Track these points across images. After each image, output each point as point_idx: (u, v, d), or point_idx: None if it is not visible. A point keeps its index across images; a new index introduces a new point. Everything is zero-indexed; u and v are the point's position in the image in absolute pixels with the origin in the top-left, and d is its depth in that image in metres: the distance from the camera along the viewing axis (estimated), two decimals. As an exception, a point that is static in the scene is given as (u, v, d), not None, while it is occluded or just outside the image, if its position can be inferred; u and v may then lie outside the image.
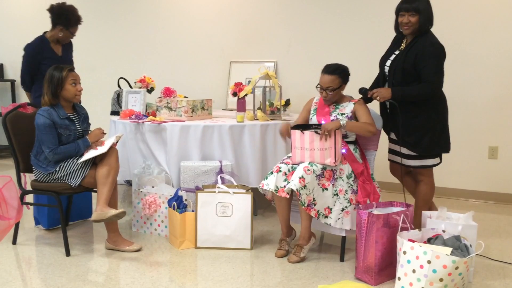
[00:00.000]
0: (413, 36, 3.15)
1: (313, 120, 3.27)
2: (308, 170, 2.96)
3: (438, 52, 3.08)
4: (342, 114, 3.19)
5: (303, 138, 3.04)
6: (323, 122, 3.15)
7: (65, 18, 3.93)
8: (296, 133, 3.08)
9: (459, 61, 4.49)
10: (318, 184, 2.98)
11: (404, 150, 3.23)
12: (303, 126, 3.15)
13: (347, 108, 3.21)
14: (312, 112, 3.32)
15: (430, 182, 3.29)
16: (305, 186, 2.92)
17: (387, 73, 3.25)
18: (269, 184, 3.05)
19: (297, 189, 2.90)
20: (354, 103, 3.22)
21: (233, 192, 3.28)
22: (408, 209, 2.85)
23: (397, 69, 3.15)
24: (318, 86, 3.20)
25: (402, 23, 3.13)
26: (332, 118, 3.18)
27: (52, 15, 3.96)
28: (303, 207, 2.94)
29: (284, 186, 3.02)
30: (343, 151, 3.10)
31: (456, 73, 4.48)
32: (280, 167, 3.09)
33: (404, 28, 3.13)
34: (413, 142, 3.18)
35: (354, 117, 3.20)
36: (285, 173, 3.06)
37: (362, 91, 3.23)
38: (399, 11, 3.14)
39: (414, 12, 3.06)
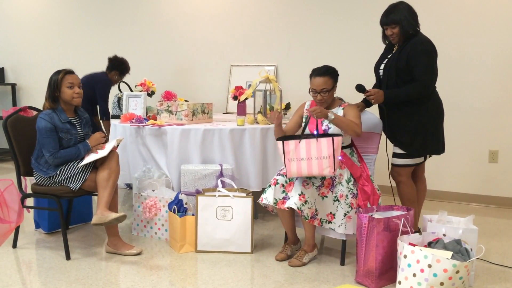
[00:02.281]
0: (404, 39, 3.23)
1: (305, 129, 3.09)
2: (307, 184, 2.92)
3: (428, 50, 3.16)
4: None
5: (299, 148, 2.90)
6: (315, 132, 2.99)
7: (126, 68, 5.07)
8: (290, 144, 2.90)
9: (460, 65, 4.50)
10: (318, 194, 2.97)
11: (396, 150, 3.30)
12: (288, 137, 2.99)
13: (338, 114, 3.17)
14: (304, 120, 3.21)
15: (410, 183, 3.34)
16: (306, 202, 2.89)
17: (381, 76, 3.32)
18: (268, 198, 3.01)
19: (298, 208, 2.87)
20: (343, 108, 3.12)
21: (234, 196, 3.28)
22: (408, 213, 2.85)
23: (391, 70, 3.23)
24: (311, 90, 3.09)
25: (388, 35, 3.26)
26: (323, 127, 3.09)
27: (115, 62, 5.01)
28: (306, 220, 2.93)
29: (283, 198, 2.99)
30: (339, 157, 3.04)
31: (457, 77, 4.49)
32: (277, 179, 3.04)
33: (391, 39, 3.26)
34: (406, 142, 3.24)
35: None
36: (283, 185, 3.02)
37: (361, 89, 3.23)
38: (381, 25, 3.27)
39: (393, 24, 3.17)
